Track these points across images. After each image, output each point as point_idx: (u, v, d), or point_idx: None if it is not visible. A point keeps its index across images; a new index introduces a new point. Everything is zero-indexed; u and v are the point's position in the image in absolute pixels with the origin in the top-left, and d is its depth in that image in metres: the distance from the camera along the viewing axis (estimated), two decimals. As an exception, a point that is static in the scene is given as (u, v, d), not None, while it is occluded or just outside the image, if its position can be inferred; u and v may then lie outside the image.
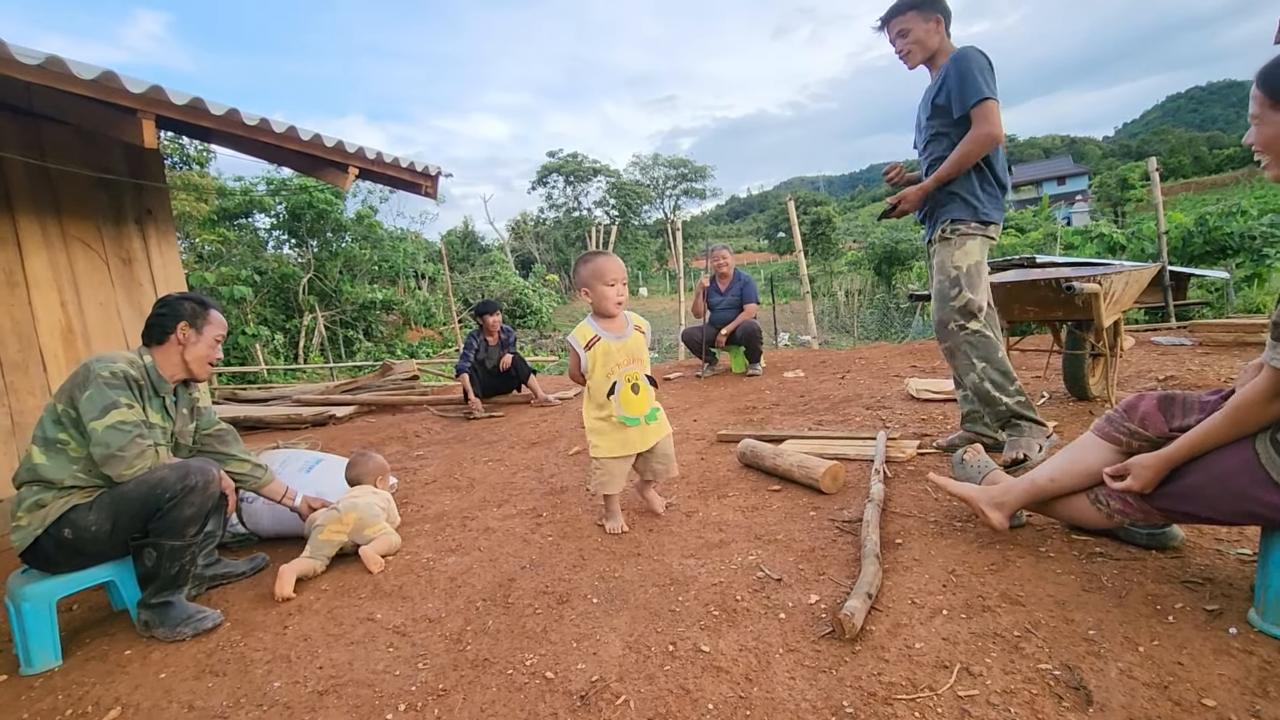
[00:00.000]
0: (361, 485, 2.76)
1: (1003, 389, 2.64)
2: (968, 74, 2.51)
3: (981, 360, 2.65)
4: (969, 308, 2.62)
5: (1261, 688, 1.29)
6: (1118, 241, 12.34)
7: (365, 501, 2.58)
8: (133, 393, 2.12)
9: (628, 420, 2.40)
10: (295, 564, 2.36)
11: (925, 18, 2.65)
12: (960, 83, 2.53)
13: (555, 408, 5.41)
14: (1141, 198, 28.96)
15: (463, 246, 32.03)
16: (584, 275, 2.40)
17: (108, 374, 2.07)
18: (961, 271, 2.61)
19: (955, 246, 2.63)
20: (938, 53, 2.69)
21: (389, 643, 1.88)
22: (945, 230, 2.66)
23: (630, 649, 1.69)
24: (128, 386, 2.11)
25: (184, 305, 2.29)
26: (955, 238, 2.64)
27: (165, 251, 4.90)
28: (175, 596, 2.09)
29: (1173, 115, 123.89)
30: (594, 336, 2.39)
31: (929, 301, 2.87)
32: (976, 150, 2.54)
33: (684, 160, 47.62)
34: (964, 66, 2.52)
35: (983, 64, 2.53)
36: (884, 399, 4.16)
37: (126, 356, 2.17)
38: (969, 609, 1.68)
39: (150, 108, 3.17)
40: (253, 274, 14.82)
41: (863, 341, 13.44)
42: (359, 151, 4.49)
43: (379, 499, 2.69)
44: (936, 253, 2.71)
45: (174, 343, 2.25)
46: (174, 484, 2.05)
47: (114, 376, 2.08)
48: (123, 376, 2.10)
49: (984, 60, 2.55)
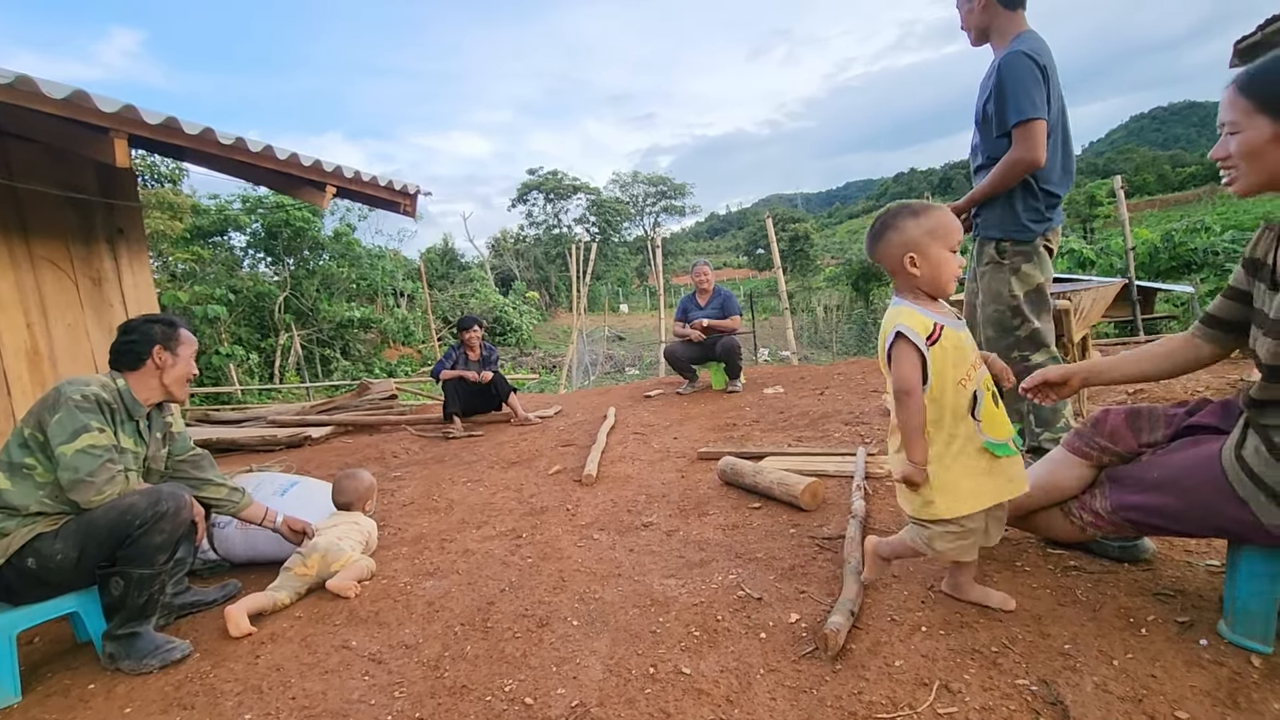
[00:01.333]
0: (348, 512, 2.72)
1: (1049, 424, 2.45)
2: (1008, 89, 2.27)
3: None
4: (1035, 338, 2.40)
5: (1232, 699, 1.32)
6: (1087, 257, 12.66)
7: (326, 542, 2.46)
8: (104, 416, 2.08)
9: (996, 448, 1.61)
10: (247, 600, 2.25)
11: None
12: (1000, 98, 2.31)
13: (535, 426, 5.38)
14: (1109, 214, 29.74)
15: (442, 264, 31.88)
16: (912, 235, 1.60)
17: (79, 397, 2.02)
18: (1021, 299, 2.39)
19: (1010, 272, 2.41)
20: (994, 32, 2.43)
21: (365, 670, 1.84)
22: (994, 254, 2.44)
23: (611, 672, 1.67)
24: (99, 410, 2.06)
25: (154, 329, 2.25)
26: (1008, 261, 2.41)
27: (137, 271, 4.82)
28: (143, 627, 2.02)
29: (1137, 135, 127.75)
30: (936, 325, 1.59)
31: None
32: (1012, 176, 2.34)
33: (663, 178, 48.11)
34: (1005, 78, 2.28)
35: (1028, 74, 2.26)
36: (863, 414, 4.20)
37: (99, 379, 2.13)
38: (947, 625, 1.69)
39: (123, 127, 3.13)
40: (227, 293, 14.59)
41: (841, 357, 13.59)
42: (336, 170, 4.47)
43: (357, 532, 2.62)
44: (988, 277, 2.47)
45: (150, 368, 2.22)
46: (144, 510, 1.99)
47: (85, 399, 2.03)
48: (94, 399, 2.06)
49: (1031, 67, 2.26)
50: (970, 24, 2.47)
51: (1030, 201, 2.39)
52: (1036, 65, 2.28)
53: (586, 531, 2.72)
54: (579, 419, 5.36)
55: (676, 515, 2.78)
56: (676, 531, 2.59)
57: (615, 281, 39.83)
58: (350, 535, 2.58)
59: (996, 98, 2.33)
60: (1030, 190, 2.39)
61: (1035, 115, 2.24)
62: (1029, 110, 2.24)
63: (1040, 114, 2.25)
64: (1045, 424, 2.47)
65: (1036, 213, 2.40)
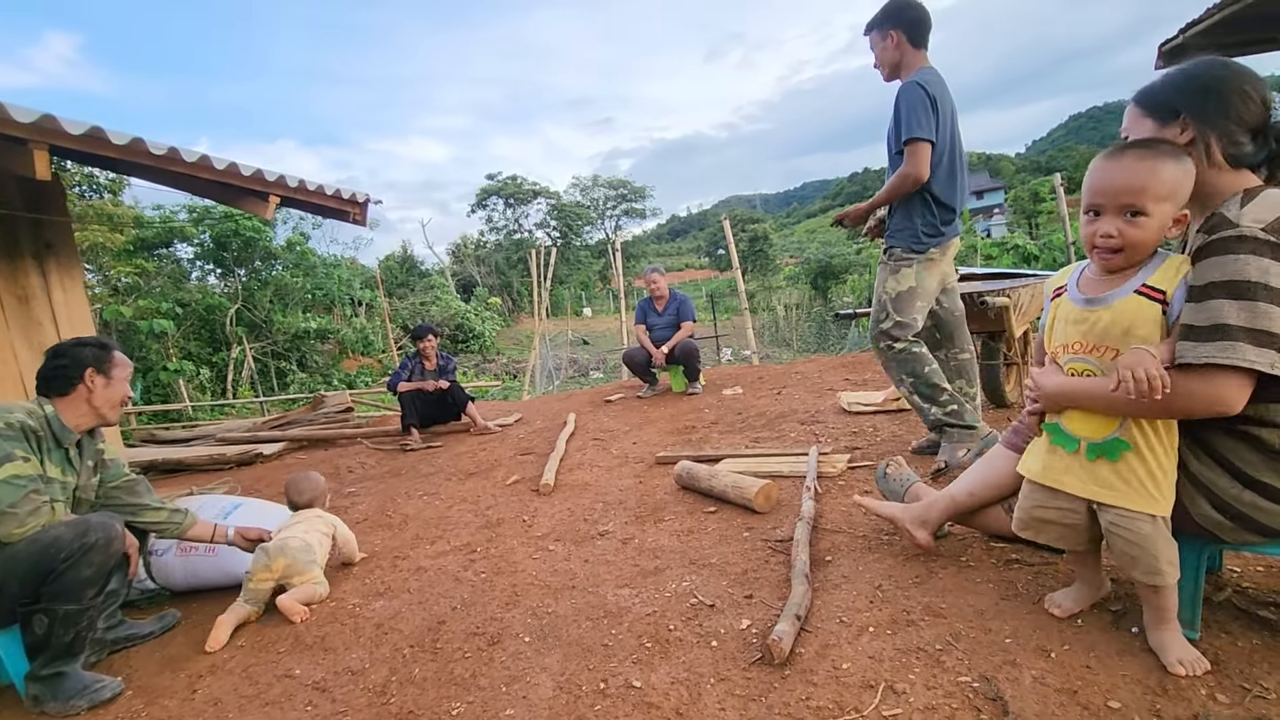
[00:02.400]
0: (309, 510, 2.68)
1: (931, 399, 2.79)
2: (902, 112, 2.61)
3: (910, 375, 2.78)
4: (892, 331, 2.77)
5: (1161, 686, 1.36)
6: (1032, 252, 13.08)
7: (298, 544, 2.42)
8: (30, 445, 1.99)
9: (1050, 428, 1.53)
10: (232, 611, 2.27)
11: (881, 34, 2.76)
12: (896, 120, 2.66)
13: (495, 435, 5.31)
14: (1052, 210, 30.79)
15: (402, 271, 31.32)
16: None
17: (2, 425, 1.94)
18: (890, 297, 2.76)
19: (890, 272, 2.78)
20: (902, 67, 2.75)
21: (308, 701, 1.78)
22: (884, 256, 2.81)
23: (561, 689, 1.65)
24: (25, 438, 1.98)
25: (85, 351, 2.17)
26: (891, 263, 2.78)
27: (69, 288, 4.61)
28: (69, 666, 1.92)
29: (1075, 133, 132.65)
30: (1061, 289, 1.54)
31: (856, 319, 3.03)
32: (900, 187, 2.69)
33: (624, 181, 48.12)
34: (901, 104, 2.63)
35: (919, 101, 2.58)
36: (818, 413, 4.25)
37: (24, 406, 2.04)
38: (894, 624, 1.71)
39: (43, 138, 2.99)
40: (175, 306, 14.07)
41: (802, 354, 13.77)
42: (280, 179, 4.34)
43: (321, 524, 2.61)
44: (877, 274, 2.86)
45: (82, 392, 2.14)
46: (70, 543, 1.89)
47: (9, 427, 1.95)
48: (19, 427, 1.97)
49: (921, 95, 2.59)
50: (884, 60, 2.76)
51: (928, 215, 2.72)
52: (927, 95, 2.60)
53: (542, 543, 2.68)
54: (539, 426, 5.31)
55: (633, 522, 2.77)
56: (632, 539, 2.57)
57: (578, 285, 39.69)
58: (316, 528, 2.56)
59: (894, 120, 2.65)
60: (928, 204, 2.72)
61: (922, 136, 2.57)
62: (917, 131, 2.57)
63: (926, 135, 2.57)
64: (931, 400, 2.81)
65: (933, 225, 2.73)
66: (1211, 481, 1.40)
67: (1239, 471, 1.37)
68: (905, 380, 2.80)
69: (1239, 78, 1.37)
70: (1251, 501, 1.35)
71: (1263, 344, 1.23)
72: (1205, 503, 1.41)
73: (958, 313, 2.99)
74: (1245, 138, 1.37)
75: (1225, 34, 4.66)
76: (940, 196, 2.72)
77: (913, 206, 2.74)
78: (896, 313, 2.76)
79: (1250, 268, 1.24)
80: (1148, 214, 1.32)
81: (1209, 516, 1.41)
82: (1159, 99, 1.44)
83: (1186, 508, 1.44)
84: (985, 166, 70.15)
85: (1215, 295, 1.26)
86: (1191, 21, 4.57)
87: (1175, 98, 1.41)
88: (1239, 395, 1.27)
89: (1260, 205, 1.29)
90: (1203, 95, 1.38)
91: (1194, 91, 1.39)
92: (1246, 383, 1.26)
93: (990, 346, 3.61)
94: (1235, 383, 1.26)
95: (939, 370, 2.83)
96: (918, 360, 2.77)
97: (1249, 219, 1.27)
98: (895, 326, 2.76)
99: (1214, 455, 1.40)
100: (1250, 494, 1.35)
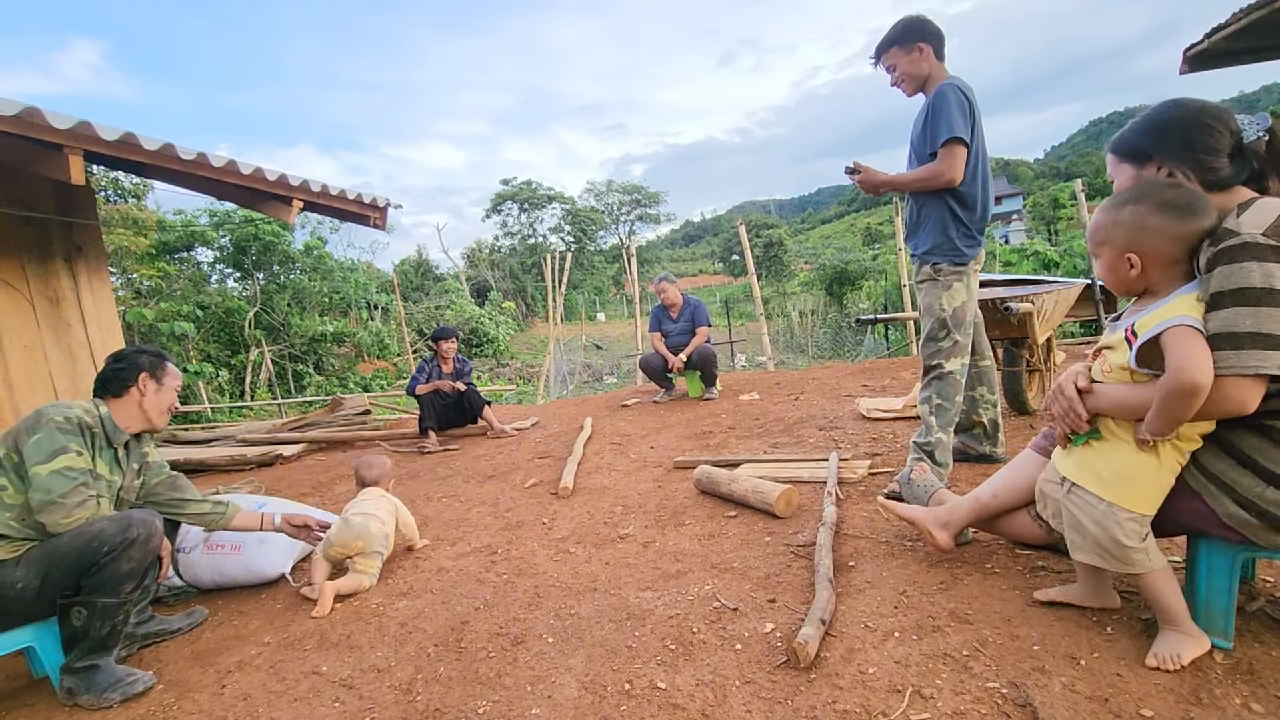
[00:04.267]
0: (375, 488, 2.87)
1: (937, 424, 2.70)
2: (940, 113, 2.58)
3: (939, 396, 2.71)
4: (955, 351, 2.70)
5: (1194, 695, 1.34)
6: (1051, 259, 12.95)
7: (379, 533, 2.60)
8: (84, 440, 2.07)
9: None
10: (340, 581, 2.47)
11: (907, 50, 2.72)
12: (934, 120, 2.60)
13: (512, 438, 5.34)
14: (1072, 216, 30.49)
15: (417, 276, 31.59)
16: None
17: (61, 419, 2.02)
18: (949, 314, 2.68)
19: (943, 289, 2.69)
20: (929, 79, 2.72)
21: (335, 697, 1.80)
22: (931, 271, 2.73)
23: (586, 690, 1.66)
24: (80, 433, 2.06)
25: (142, 358, 2.30)
26: (942, 279, 2.70)
27: (97, 289, 4.70)
28: (103, 659, 1.96)
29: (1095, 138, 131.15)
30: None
31: (875, 325, 2.95)
32: (930, 180, 2.63)
33: (637, 186, 48.24)
34: (939, 104, 2.59)
35: (958, 102, 2.58)
36: (836, 419, 4.24)
37: (82, 404, 2.14)
38: (920, 630, 1.70)
39: (78, 143, 3.07)
40: (195, 309, 14.29)
41: (817, 361, 13.72)
42: (303, 184, 4.41)
43: (387, 503, 2.79)
44: (925, 292, 2.76)
45: (134, 394, 2.25)
46: (114, 536, 1.94)
47: (68, 421, 2.03)
48: (77, 423, 2.06)
49: (960, 98, 2.59)
50: (913, 75, 2.73)
51: (961, 229, 2.69)
52: (966, 98, 2.60)
53: (563, 545, 2.70)
54: (555, 430, 5.33)
55: (653, 526, 2.77)
56: (653, 543, 2.58)
57: (592, 290, 39.82)
58: (385, 509, 2.73)
59: (931, 121, 2.61)
60: (959, 217, 2.68)
61: (959, 135, 2.54)
62: (958, 130, 2.54)
63: (963, 136, 2.55)
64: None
65: (968, 236, 2.69)
66: (1234, 480, 1.41)
67: (1261, 468, 1.38)
68: (933, 399, 2.72)
69: (1198, 114, 1.48)
70: (1276, 499, 1.35)
71: (1269, 346, 1.29)
72: (1230, 501, 1.41)
73: (978, 320, 2.97)
74: (1221, 162, 1.47)
75: (1251, 39, 4.62)
76: (969, 202, 2.68)
77: (944, 219, 2.67)
78: (956, 329, 2.68)
79: (1254, 274, 1.31)
80: (1097, 256, 1.54)
81: (1235, 515, 1.40)
82: (1132, 146, 1.57)
83: (1213, 508, 1.44)
84: (1004, 172, 69.65)
85: (1225, 304, 1.34)
86: (1217, 26, 4.53)
87: (1144, 142, 1.54)
88: (1252, 397, 1.34)
89: (1257, 212, 1.36)
90: (1165, 136, 1.51)
91: (1157, 134, 1.52)
92: (1260, 384, 1.33)
93: (1012, 353, 3.59)
94: (1248, 386, 1.32)
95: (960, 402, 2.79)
96: (955, 387, 2.71)
97: (1248, 226, 1.34)
98: (955, 346, 2.69)
99: (1234, 453, 1.42)
100: (1274, 491, 1.35)
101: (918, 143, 2.75)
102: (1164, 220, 1.41)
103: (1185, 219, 1.40)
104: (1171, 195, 1.42)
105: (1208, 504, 1.45)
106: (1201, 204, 1.40)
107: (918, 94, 2.79)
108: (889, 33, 2.74)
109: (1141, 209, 1.44)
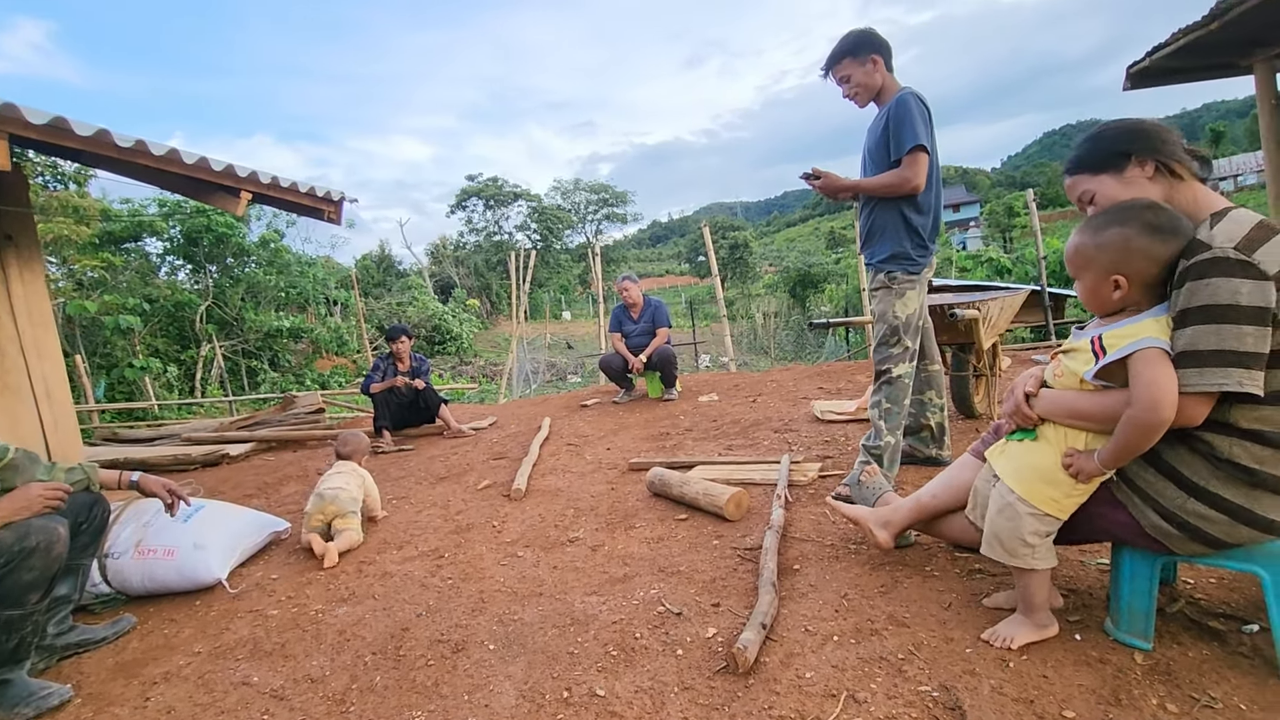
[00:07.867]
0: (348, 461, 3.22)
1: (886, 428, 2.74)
2: (903, 121, 2.61)
3: (889, 401, 2.75)
4: (904, 356, 2.75)
5: (1115, 696, 1.38)
6: (1005, 265, 13.33)
7: (346, 497, 2.98)
8: None
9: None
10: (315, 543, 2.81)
11: (861, 61, 2.74)
12: (898, 128, 2.63)
13: (468, 438, 5.26)
14: (1026, 224, 31.47)
15: (379, 271, 30.99)
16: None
17: None
18: (901, 321, 2.72)
19: (896, 296, 2.73)
20: (882, 90, 2.77)
21: (264, 709, 1.74)
22: (886, 280, 2.76)
23: (524, 698, 1.63)
24: None
25: None
26: (896, 287, 2.74)
27: (29, 281, 4.46)
28: (14, 673, 1.85)
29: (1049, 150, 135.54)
30: None
31: (827, 329, 2.97)
32: (894, 185, 2.65)
33: (605, 185, 48.15)
34: (902, 113, 2.62)
35: (919, 111, 2.63)
36: (792, 421, 4.28)
37: None
38: (858, 633, 1.72)
39: (4, 127, 2.90)
40: (142, 302, 13.76)
41: (780, 362, 13.86)
42: (252, 175, 4.26)
43: (356, 477, 3.14)
44: (879, 299, 2.79)
45: None
46: (10, 546, 1.83)
47: None
48: None
49: (922, 107, 2.64)
50: (867, 85, 2.77)
51: (915, 239, 2.72)
52: (925, 106, 2.66)
53: (511, 549, 2.66)
54: (513, 430, 5.27)
55: (603, 529, 2.75)
56: (602, 546, 2.56)
57: (558, 289, 39.59)
58: (353, 481, 3.09)
59: (894, 129, 2.63)
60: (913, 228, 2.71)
61: (924, 143, 2.59)
62: (922, 138, 2.59)
63: (927, 144, 2.60)
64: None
65: (921, 246, 2.73)
66: (1159, 492, 1.45)
67: (1185, 480, 1.41)
68: (882, 404, 2.76)
69: (1141, 120, 1.52)
70: (1197, 511, 1.39)
71: (1229, 363, 1.30)
72: (1153, 513, 1.45)
73: (927, 325, 3.03)
74: (1185, 157, 1.48)
75: (1190, 58, 4.80)
76: (924, 209, 2.73)
77: (899, 228, 2.71)
78: (906, 335, 2.73)
79: (1221, 291, 1.30)
80: (1078, 279, 1.53)
81: (1158, 526, 1.44)
82: (1101, 155, 1.53)
83: (1137, 519, 1.48)
84: (962, 180, 71.45)
85: (1190, 322, 1.35)
86: (1157, 45, 4.69)
87: (1116, 145, 1.51)
88: (1205, 411, 1.37)
89: (1230, 223, 1.36)
90: (1136, 137, 1.49)
91: (1127, 136, 1.50)
92: (1209, 400, 1.35)
93: (960, 358, 3.67)
94: (1205, 401, 1.35)
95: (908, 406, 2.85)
96: (904, 390, 2.76)
97: (1221, 238, 1.34)
98: (904, 352, 2.74)
99: (1160, 466, 1.45)
100: (1196, 503, 1.40)
101: (875, 150, 2.78)
102: (1150, 242, 1.39)
103: (1170, 241, 1.39)
104: (1156, 218, 1.40)
105: (1131, 515, 1.49)
106: (1183, 225, 1.39)
107: (869, 104, 2.82)
108: (840, 45, 2.77)
109: (1128, 231, 1.41)
